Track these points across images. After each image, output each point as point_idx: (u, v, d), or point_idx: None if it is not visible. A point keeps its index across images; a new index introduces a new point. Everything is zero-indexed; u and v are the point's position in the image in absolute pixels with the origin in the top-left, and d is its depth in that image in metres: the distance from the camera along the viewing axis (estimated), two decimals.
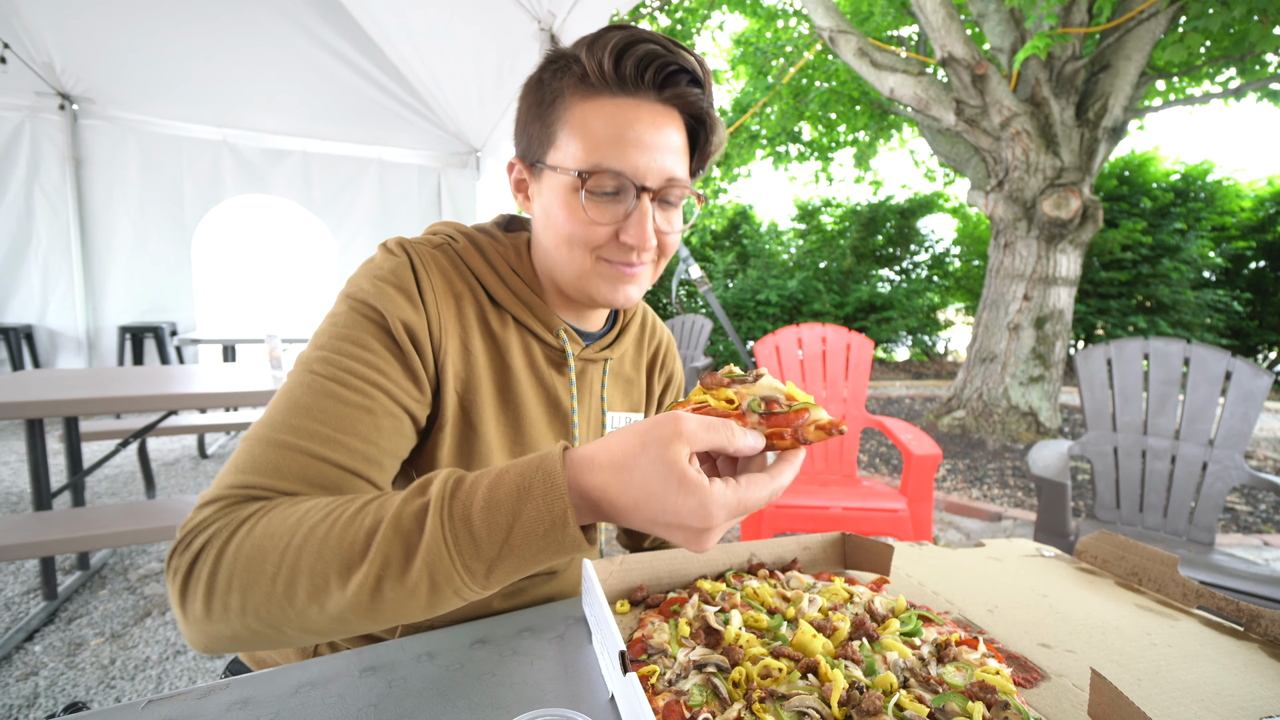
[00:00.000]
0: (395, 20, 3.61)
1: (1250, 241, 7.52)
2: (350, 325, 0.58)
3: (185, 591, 0.46)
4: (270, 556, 0.44)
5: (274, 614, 0.44)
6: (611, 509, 0.43)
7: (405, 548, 0.42)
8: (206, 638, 0.46)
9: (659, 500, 0.41)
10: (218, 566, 0.45)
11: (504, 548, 0.42)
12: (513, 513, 0.42)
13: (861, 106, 7.38)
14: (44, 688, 1.57)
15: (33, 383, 1.83)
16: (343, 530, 0.44)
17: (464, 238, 0.68)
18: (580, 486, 0.44)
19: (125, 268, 4.42)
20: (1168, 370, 1.90)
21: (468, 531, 0.42)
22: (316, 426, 0.53)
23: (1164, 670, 0.54)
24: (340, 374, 0.55)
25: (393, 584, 0.42)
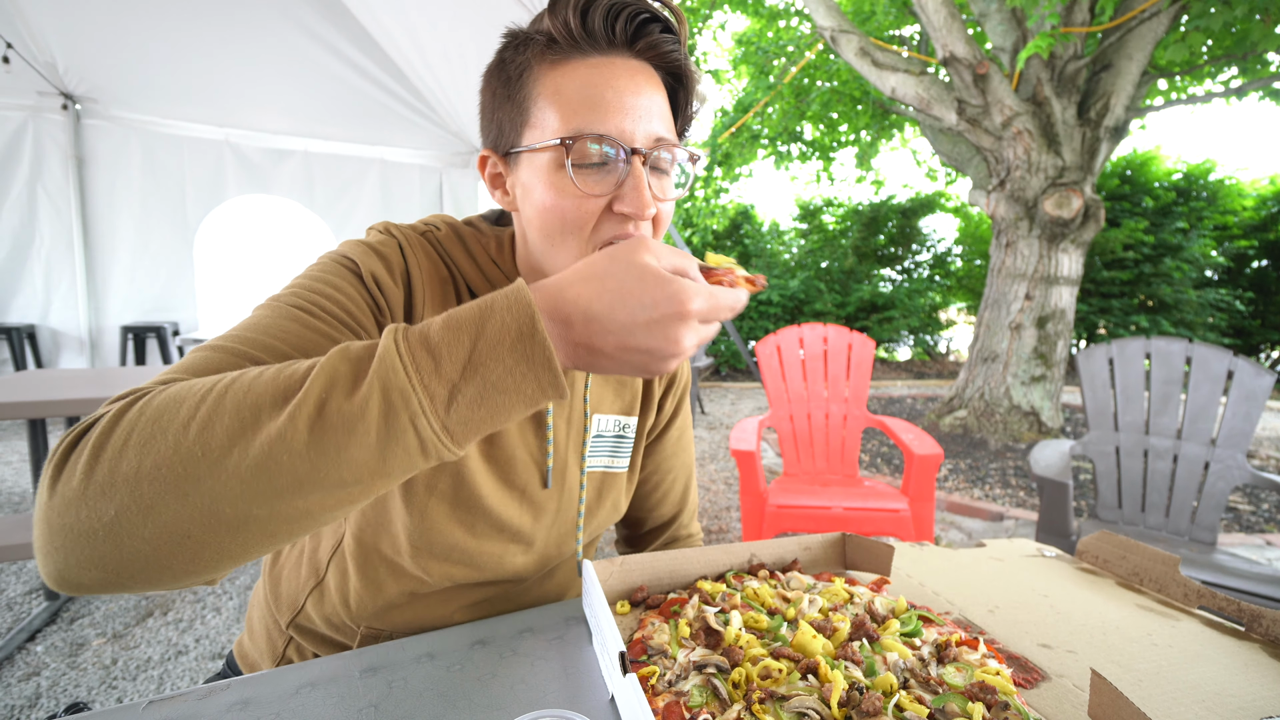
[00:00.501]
0: (397, 20, 3.61)
1: (1252, 241, 7.50)
2: (324, 269, 0.55)
3: (61, 470, 0.36)
4: (185, 403, 0.36)
5: (178, 471, 0.34)
6: (585, 320, 0.40)
7: (354, 369, 0.36)
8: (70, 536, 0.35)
9: (635, 296, 0.39)
10: (112, 428, 0.36)
11: (467, 364, 0.37)
12: (476, 327, 0.38)
13: (863, 106, 7.38)
14: (46, 688, 1.57)
15: (35, 383, 1.83)
16: (278, 369, 0.37)
17: (448, 227, 0.66)
18: (551, 303, 0.40)
19: (128, 267, 4.43)
20: (1170, 370, 1.90)
21: (425, 348, 0.37)
22: (274, 343, 0.46)
23: (1165, 671, 0.54)
24: (307, 304, 0.51)
25: (338, 401, 0.35)
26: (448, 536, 0.62)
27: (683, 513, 0.89)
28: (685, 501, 0.89)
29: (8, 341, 4.08)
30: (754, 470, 2.05)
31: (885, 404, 6.12)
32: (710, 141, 8.17)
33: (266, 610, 0.70)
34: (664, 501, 0.87)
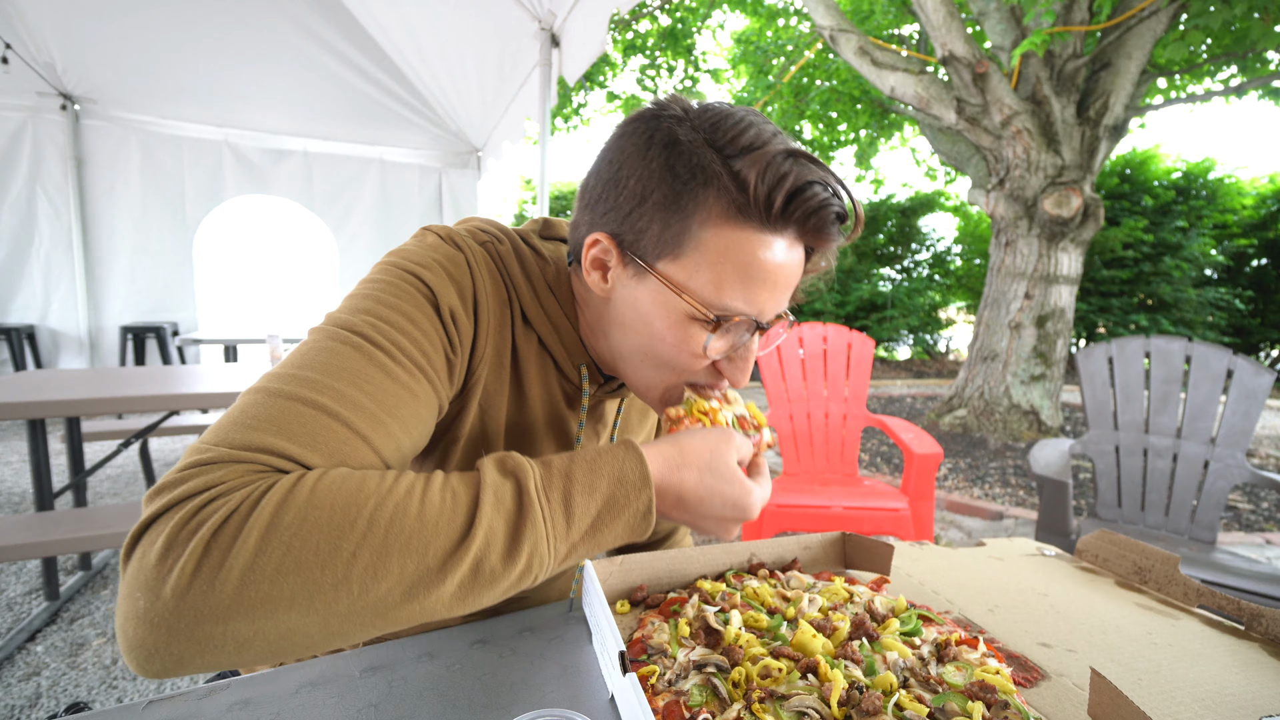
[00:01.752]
0: (396, 20, 3.61)
1: (1252, 239, 7.51)
2: (400, 295, 0.51)
3: (197, 575, 0.33)
4: (341, 530, 0.36)
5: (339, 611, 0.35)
6: (678, 500, 0.50)
7: (509, 527, 0.41)
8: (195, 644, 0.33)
9: (719, 496, 0.50)
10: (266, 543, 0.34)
11: (588, 531, 0.45)
12: (607, 500, 0.46)
13: (862, 105, 7.37)
14: (46, 688, 1.57)
15: (35, 383, 1.83)
16: (436, 518, 0.39)
17: (509, 241, 0.62)
18: (660, 480, 0.49)
19: (127, 268, 4.43)
20: (1169, 368, 1.90)
21: (564, 508, 0.43)
22: (362, 398, 0.44)
23: (1164, 669, 0.54)
24: (389, 345, 0.48)
25: (492, 563, 0.40)
26: None
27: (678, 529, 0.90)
28: None
29: (7, 342, 4.08)
30: None
31: (885, 403, 6.13)
32: None
33: None
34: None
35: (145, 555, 0.34)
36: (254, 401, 0.42)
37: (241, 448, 0.39)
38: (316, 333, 0.48)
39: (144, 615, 0.33)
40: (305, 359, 0.45)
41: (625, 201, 0.53)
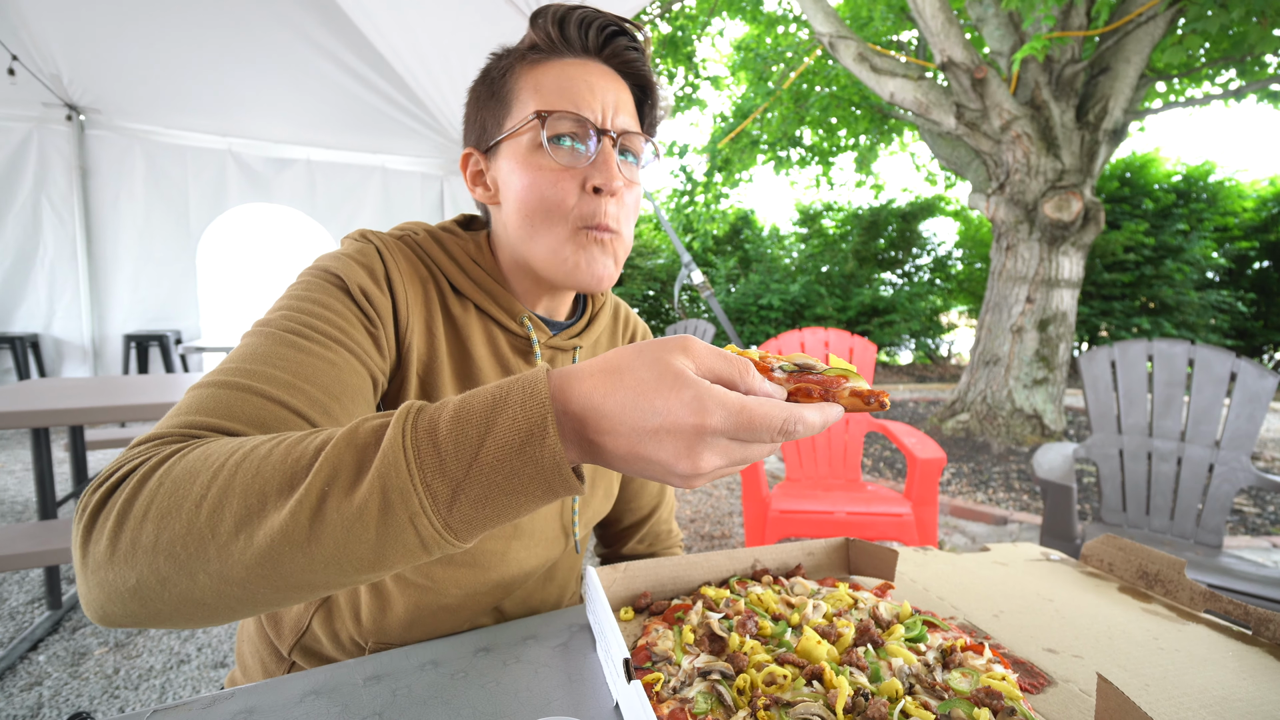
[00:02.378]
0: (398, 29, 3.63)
1: (1253, 242, 7.50)
2: (310, 288, 0.56)
3: (91, 528, 0.38)
4: (200, 478, 0.37)
5: (190, 550, 0.36)
6: (598, 420, 0.36)
7: (358, 459, 0.36)
8: (103, 591, 0.37)
9: (649, 399, 0.35)
10: (135, 495, 0.38)
11: (472, 465, 0.35)
12: (485, 422, 0.35)
13: (862, 111, 7.40)
14: (48, 698, 1.57)
15: (38, 392, 1.84)
16: (289, 448, 0.37)
17: (424, 232, 0.69)
18: (565, 396, 0.37)
19: (131, 276, 4.45)
20: (1172, 372, 1.89)
21: (432, 443, 0.35)
22: (275, 372, 0.48)
23: (1171, 675, 0.54)
24: (301, 327, 0.52)
25: (338, 501, 0.35)
26: None
27: (661, 506, 0.90)
28: (663, 494, 0.90)
29: (11, 351, 4.09)
30: (756, 475, 2.04)
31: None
32: (710, 147, 8.20)
33: (261, 642, 0.69)
34: (641, 492, 0.87)
35: (76, 515, 0.40)
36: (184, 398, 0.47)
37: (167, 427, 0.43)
38: (243, 336, 0.53)
39: (76, 566, 0.39)
40: (230, 357, 0.50)
41: (470, 116, 0.67)
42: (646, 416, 0.35)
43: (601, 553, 0.94)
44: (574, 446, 0.38)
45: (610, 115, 0.61)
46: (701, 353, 0.37)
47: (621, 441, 0.36)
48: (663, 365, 0.35)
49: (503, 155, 0.63)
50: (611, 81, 0.63)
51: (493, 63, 0.65)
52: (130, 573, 0.36)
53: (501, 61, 0.64)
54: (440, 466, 0.35)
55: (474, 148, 0.67)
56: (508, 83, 0.63)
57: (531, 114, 0.59)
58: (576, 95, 0.60)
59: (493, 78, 0.64)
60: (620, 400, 0.35)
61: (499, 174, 0.64)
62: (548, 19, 0.61)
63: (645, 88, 0.67)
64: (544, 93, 0.60)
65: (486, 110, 0.64)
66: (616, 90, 0.63)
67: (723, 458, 0.36)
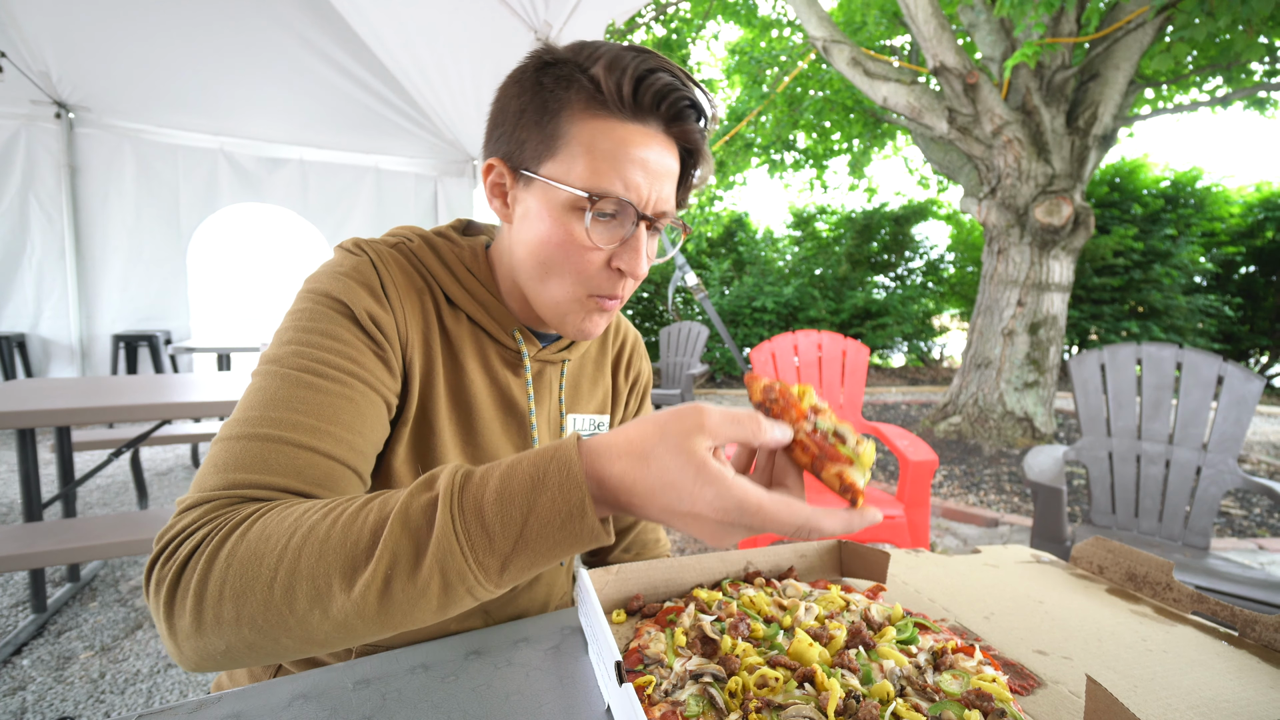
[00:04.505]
0: (392, 29, 3.62)
1: (1240, 247, 7.60)
2: (316, 317, 0.56)
3: (172, 604, 0.42)
4: (267, 559, 0.41)
5: (272, 623, 0.40)
6: (629, 497, 0.41)
7: (414, 544, 0.40)
8: (197, 654, 0.42)
9: (676, 490, 0.39)
10: (208, 573, 0.41)
11: (519, 541, 0.40)
12: (527, 504, 0.40)
13: (855, 115, 7.45)
14: (32, 702, 1.55)
15: (24, 392, 1.81)
16: (345, 528, 0.41)
17: (419, 239, 0.68)
18: (597, 475, 0.41)
19: (120, 276, 4.40)
20: (1161, 375, 1.91)
21: (480, 525, 0.40)
22: (299, 417, 0.50)
23: (1160, 676, 0.54)
24: (313, 364, 0.53)
25: (402, 584, 0.39)
26: None
27: None
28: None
29: None
30: None
31: (880, 410, 6.14)
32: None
33: None
34: None
35: (146, 588, 0.44)
36: (216, 451, 0.50)
37: (211, 489, 0.47)
38: (255, 375, 0.54)
39: (162, 634, 0.43)
40: (248, 401, 0.52)
41: (507, 122, 0.60)
42: (674, 503, 0.40)
43: (587, 560, 0.94)
44: (606, 509, 0.43)
45: (655, 197, 0.59)
46: (716, 425, 0.41)
47: (653, 515, 0.41)
48: (685, 454, 0.39)
49: (535, 192, 0.59)
50: (666, 156, 0.59)
51: (547, 80, 0.57)
52: (219, 641, 0.41)
53: (559, 89, 0.57)
54: (490, 546, 0.40)
55: (503, 161, 0.61)
56: (561, 122, 0.57)
57: (582, 189, 0.56)
58: (628, 174, 0.56)
59: (544, 101, 0.57)
60: (649, 485, 0.40)
61: (525, 205, 0.61)
62: (624, 76, 0.55)
63: (694, 154, 0.63)
64: (597, 158, 0.56)
65: (528, 132, 0.58)
66: (668, 166, 0.59)
67: (746, 535, 0.41)
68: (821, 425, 0.46)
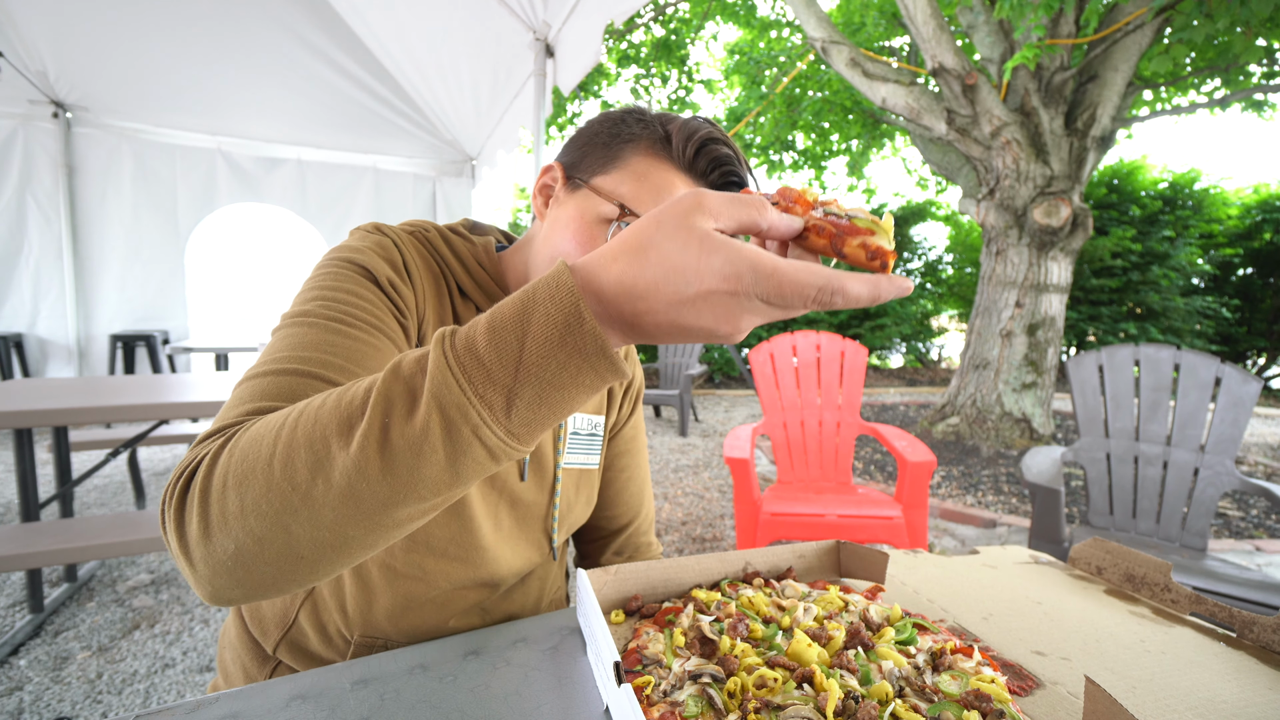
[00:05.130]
0: (391, 29, 3.62)
1: (1237, 249, 7.62)
2: (340, 278, 0.57)
3: (181, 513, 0.40)
4: (265, 440, 0.39)
5: (276, 505, 0.37)
6: (632, 302, 0.36)
7: (408, 388, 0.37)
8: (209, 567, 0.40)
9: (681, 272, 0.35)
10: (211, 472, 0.40)
11: (519, 368, 0.36)
12: (521, 326, 0.36)
13: (854, 116, 7.46)
14: (29, 703, 1.54)
15: (21, 392, 1.81)
16: (339, 395, 0.39)
17: (435, 230, 0.71)
18: (594, 287, 0.37)
19: (118, 276, 4.40)
20: (1158, 376, 1.92)
21: (473, 357, 0.36)
22: (329, 357, 0.50)
23: (1158, 677, 0.54)
24: (343, 313, 0.54)
25: (399, 426, 0.36)
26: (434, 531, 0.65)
27: (638, 517, 0.90)
28: (640, 506, 0.90)
29: None
30: (748, 478, 2.05)
31: (878, 411, 6.15)
32: None
33: (243, 647, 0.69)
34: (617, 501, 0.88)
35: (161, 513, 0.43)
36: (236, 389, 0.48)
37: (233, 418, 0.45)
38: (278, 330, 0.53)
39: (176, 556, 0.41)
40: (272, 347, 0.51)
41: (581, 138, 0.67)
42: (681, 287, 0.35)
43: (580, 564, 0.94)
44: (614, 329, 0.38)
45: None
46: (717, 204, 0.37)
47: (660, 316, 0.36)
48: (686, 231, 0.35)
49: (577, 198, 0.64)
50: None
51: (631, 118, 0.65)
52: (228, 540, 0.38)
53: (636, 127, 0.64)
54: (489, 377, 0.36)
55: (562, 166, 0.67)
56: (625, 149, 0.63)
57: (618, 201, 0.61)
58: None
59: (619, 130, 0.64)
60: (652, 277, 0.36)
61: (563, 207, 0.65)
62: (689, 139, 0.62)
63: None
64: (644, 186, 0.61)
65: (593, 149, 0.65)
66: None
67: (761, 317, 0.37)
68: (831, 211, 0.42)
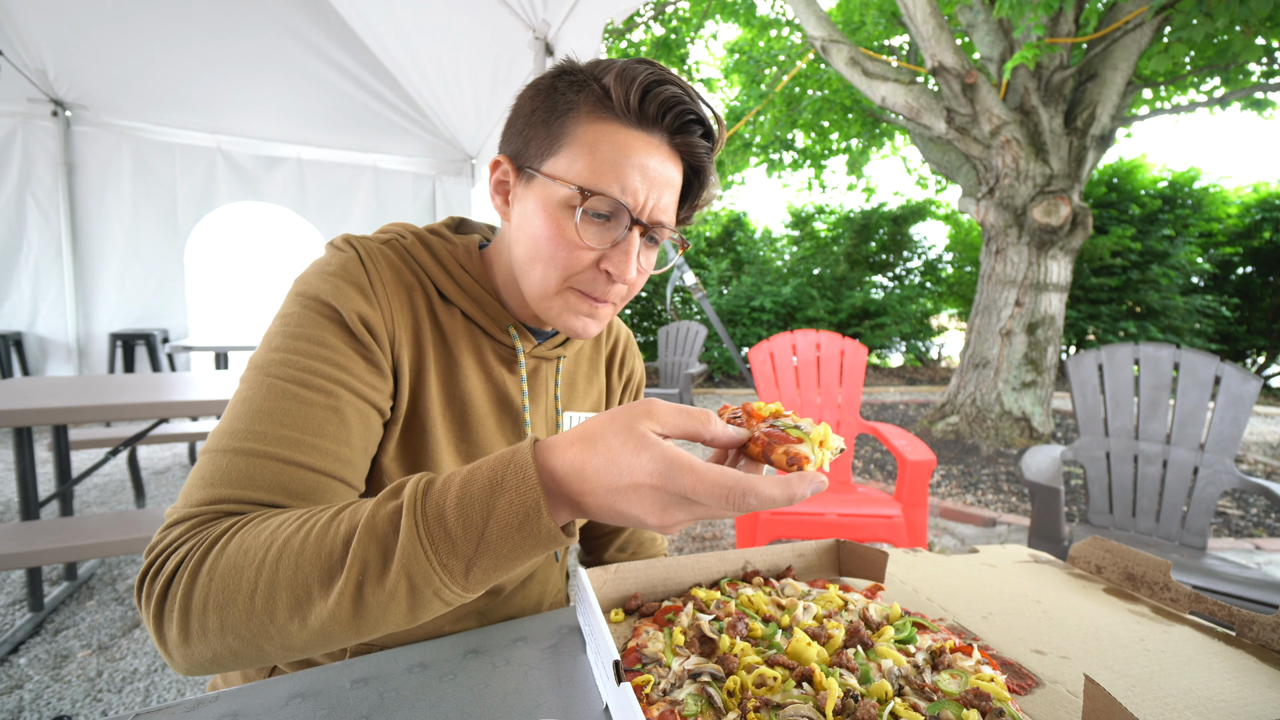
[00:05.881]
0: (390, 28, 3.62)
1: (1237, 248, 7.62)
2: (304, 323, 0.56)
3: (161, 617, 0.45)
4: (246, 573, 0.43)
5: (255, 631, 0.43)
6: (579, 482, 0.41)
7: (382, 551, 0.41)
8: (187, 661, 0.45)
9: (618, 464, 0.40)
10: (192, 587, 0.44)
11: (480, 544, 0.41)
12: (486, 508, 0.41)
13: (854, 115, 7.45)
14: (29, 701, 1.54)
15: (21, 390, 1.81)
16: (318, 540, 0.43)
17: (412, 235, 0.67)
18: (550, 468, 0.42)
19: (117, 274, 4.39)
20: (1158, 375, 1.92)
21: (442, 529, 0.41)
22: (284, 431, 0.51)
23: (1157, 676, 0.54)
24: (300, 374, 0.53)
25: (373, 588, 0.41)
26: None
27: None
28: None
29: None
30: None
31: (878, 410, 6.15)
32: None
33: None
34: None
35: (138, 600, 0.47)
36: (203, 464, 0.51)
37: (196, 504, 0.49)
38: (243, 381, 0.55)
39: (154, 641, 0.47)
40: (234, 412, 0.53)
41: (518, 121, 0.62)
42: (616, 477, 0.40)
43: (584, 560, 0.94)
44: (563, 507, 0.43)
45: (651, 205, 0.59)
46: (664, 413, 0.42)
47: (601, 499, 0.41)
48: (629, 431, 0.41)
49: (534, 189, 0.60)
50: (668, 167, 0.60)
51: (561, 84, 0.59)
52: (205, 649, 0.44)
53: (570, 92, 0.59)
54: (453, 549, 0.41)
55: (509, 159, 0.63)
56: (567, 122, 0.58)
57: (575, 185, 0.57)
58: (626, 176, 0.57)
59: (555, 102, 0.59)
60: (595, 465, 0.41)
61: (523, 202, 0.62)
62: (632, 85, 0.56)
63: (699, 172, 0.64)
64: (597, 158, 0.57)
65: (534, 131, 0.60)
66: (669, 176, 0.60)
67: (687, 514, 0.41)
68: (779, 424, 0.46)
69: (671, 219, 0.62)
